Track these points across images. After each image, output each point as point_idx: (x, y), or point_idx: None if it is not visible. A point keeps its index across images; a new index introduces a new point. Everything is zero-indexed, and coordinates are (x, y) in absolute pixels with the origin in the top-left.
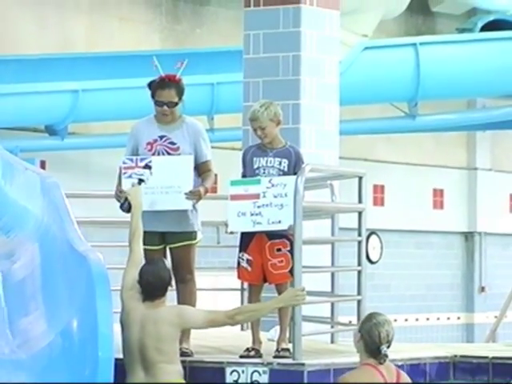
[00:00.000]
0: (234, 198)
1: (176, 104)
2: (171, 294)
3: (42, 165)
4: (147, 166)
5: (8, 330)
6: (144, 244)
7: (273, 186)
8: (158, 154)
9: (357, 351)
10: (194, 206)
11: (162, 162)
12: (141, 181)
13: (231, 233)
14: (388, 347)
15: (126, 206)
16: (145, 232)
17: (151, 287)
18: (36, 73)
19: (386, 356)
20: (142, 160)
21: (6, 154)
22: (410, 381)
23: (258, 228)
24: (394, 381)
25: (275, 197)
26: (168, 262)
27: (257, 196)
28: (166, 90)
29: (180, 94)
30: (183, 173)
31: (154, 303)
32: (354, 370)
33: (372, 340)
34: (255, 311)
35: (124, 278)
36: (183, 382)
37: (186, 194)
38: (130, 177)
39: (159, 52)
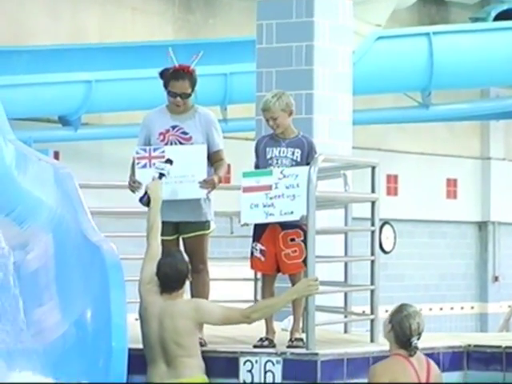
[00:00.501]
0: (247, 190)
1: (189, 95)
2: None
3: (56, 155)
4: (169, 161)
5: (23, 320)
6: None
7: (284, 176)
8: (171, 144)
9: (387, 340)
10: (207, 196)
11: (176, 152)
12: (162, 175)
13: (245, 225)
14: (418, 339)
15: (146, 200)
16: None
17: (168, 279)
18: (49, 64)
19: (417, 348)
20: (155, 150)
21: (19, 145)
22: (439, 371)
23: (270, 219)
24: (425, 372)
25: (287, 188)
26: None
27: (269, 187)
28: (179, 81)
29: (193, 85)
30: (197, 162)
31: (171, 296)
32: (385, 359)
33: (403, 332)
34: (270, 307)
35: (142, 272)
36: (203, 378)
37: (199, 182)
38: (143, 167)
39: (172, 43)
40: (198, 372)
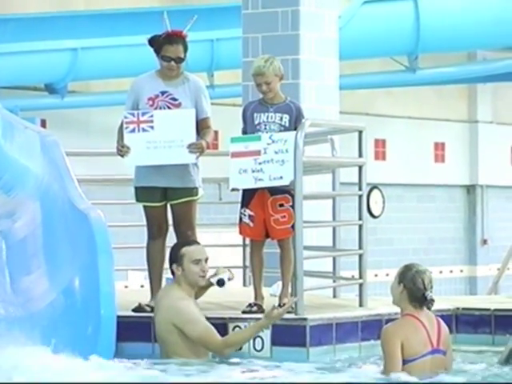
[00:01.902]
0: (235, 155)
1: (183, 60)
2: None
3: (43, 124)
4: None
5: (10, 288)
6: (145, 201)
7: (273, 142)
8: (160, 109)
9: (394, 303)
10: (195, 163)
11: (164, 116)
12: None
13: (233, 190)
14: (431, 292)
15: (221, 282)
16: (146, 188)
17: None
18: (35, 31)
19: (433, 300)
20: (143, 114)
21: (5, 113)
22: (447, 329)
23: (259, 184)
24: (435, 330)
25: (276, 153)
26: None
27: (258, 152)
28: (174, 45)
29: (186, 50)
30: (185, 126)
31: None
32: (397, 320)
33: (417, 287)
34: (243, 339)
35: None
36: None
37: (188, 146)
38: (132, 131)
39: (158, 9)
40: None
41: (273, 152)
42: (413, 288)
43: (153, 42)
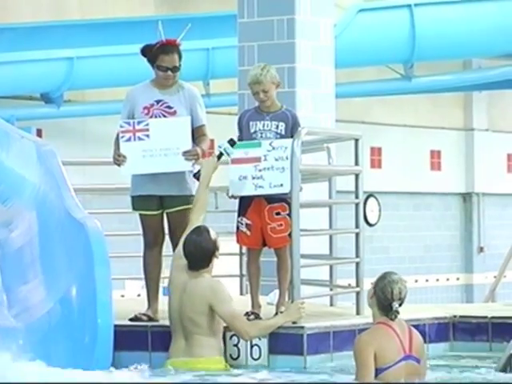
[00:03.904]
0: (235, 161)
1: (179, 68)
2: (168, 259)
3: (39, 133)
4: (232, 141)
5: (5, 298)
6: (142, 209)
7: (274, 148)
8: (155, 118)
9: (370, 307)
10: (191, 170)
11: (160, 124)
12: (221, 154)
13: (232, 197)
14: (400, 305)
15: (198, 175)
16: (143, 196)
17: (193, 257)
18: (30, 41)
19: (398, 312)
20: (139, 123)
21: (1, 123)
22: (421, 338)
23: (259, 192)
24: (407, 338)
25: (276, 160)
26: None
27: (258, 159)
28: (169, 54)
29: (180, 59)
30: (181, 134)
31: (197, 273)
32: (368, 329)
33: (384, 296)
34: (267, 329)
35: (179, 246)
36: (220, 359)
37: (183, 153)
38: (128, 140)
39: (154, 18)
40: (213, 352)
41: (273, 159)
42: (381, 296)
43: (146, 51)
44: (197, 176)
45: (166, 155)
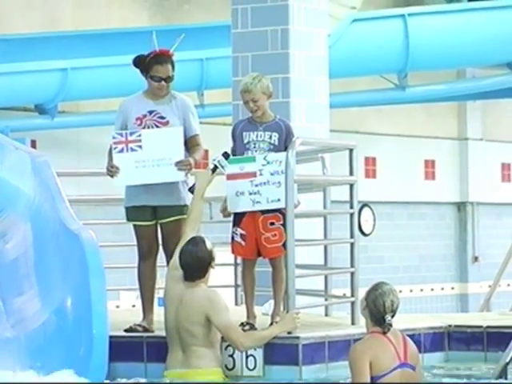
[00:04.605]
0: (231, 177)
1: (172, 79)
2: (162, 270)
3: (33, 144)
4: (226, 154)
5: (2, 309)
6: (135, 220)
7: (268, 163)
8: (148, 128)
9: (363, 316)
10: (185, 181)
11: (152, 135)
12: (215, 167)
13: (229, 215)
14: (392, 316)
15: (193, 188)
16: (136, 207)
17: (189, 268)
18: (24, 52)
19: (390, 325)
20: (131, 134)
21: None
22: (415, 347)
23: (258, 207)
24: (402, 347)
25: (272, 174)
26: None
27: (253, 174)
28: (163, 64)
29: (173, 69)
30: (173, 145)
31: (193, 283)
32: (364, 338)
33: (377, 309)
34: (262, 340)
35: (174, 256)
36: (218, 371)
37: (176, 164)
38: (120, 151)
39: (147, 29)
40: (211, 363)
41: (268, 173)
42: (373, 309)
43: (138, 62)
44: (192, 190)
45: (159, 166)
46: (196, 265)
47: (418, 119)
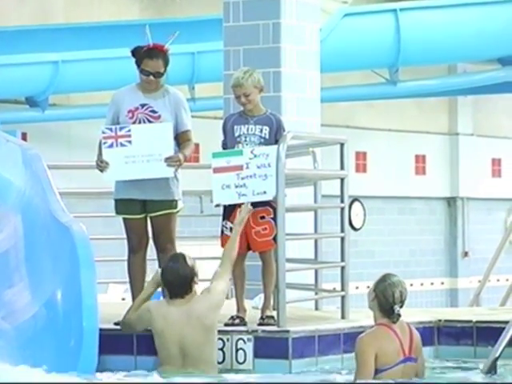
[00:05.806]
0: (217, 170)
1: (162, 74)
2: (152, 263)
3: (24, 137)
4: None
5: None
6: (125, 213)
7: (255, 156)
8: (139, 122)
9: (369, 307)
10: (175, 176)
11: (142, 131)
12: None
13: (217, 206)
14: (401, 307)
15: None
16: (125, 200)
17: (172, 286)
18: (15, 44)
19: (399, 315)
20: (121, 129)
21: None
22: (419, 337)
23: (243, 200)
24: (408, 338)
25: (259, 167)
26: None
27: (240, 167)
28: (153, 59)
29: (166, 65)
30: (163, 140)
31: (184, 299)
32: (370, 330)
33: (386, 300)
34: (232, 247)
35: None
36: None
37: (166, 159)
38: (110, 146)
39: (138, 22)
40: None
41: (255, 167)
42: (382, 299)
43: (135, 52)
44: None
45: (149, 161)
46: (178, 282)
47: (409, 114)
